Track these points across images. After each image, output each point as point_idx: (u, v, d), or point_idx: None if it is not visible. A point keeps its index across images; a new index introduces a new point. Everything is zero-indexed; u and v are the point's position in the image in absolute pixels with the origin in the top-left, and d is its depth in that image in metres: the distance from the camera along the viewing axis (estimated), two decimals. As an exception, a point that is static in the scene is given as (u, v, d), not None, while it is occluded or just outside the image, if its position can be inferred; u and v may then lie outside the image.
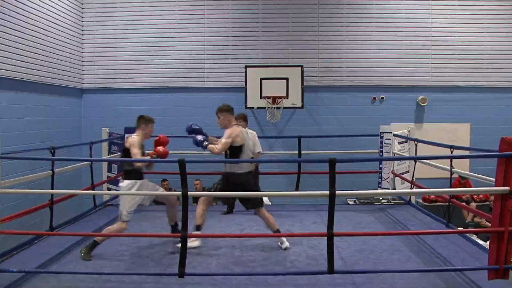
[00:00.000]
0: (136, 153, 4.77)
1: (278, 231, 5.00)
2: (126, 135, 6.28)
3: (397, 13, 10.11)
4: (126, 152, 4.86)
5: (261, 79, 9.65)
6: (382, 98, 10.17)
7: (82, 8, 10.09)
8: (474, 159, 9.28)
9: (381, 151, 7.63)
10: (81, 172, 8.63)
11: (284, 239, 5.06)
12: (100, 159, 7.63)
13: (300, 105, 9.75)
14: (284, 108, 9.67)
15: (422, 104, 10.08)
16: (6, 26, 7.34)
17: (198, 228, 4.95)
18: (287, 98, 9.63)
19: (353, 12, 10.13)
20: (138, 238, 5.31)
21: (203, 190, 9.14)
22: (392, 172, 7.52)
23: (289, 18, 10.14)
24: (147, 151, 5.06)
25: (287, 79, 9.66)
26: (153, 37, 10.11)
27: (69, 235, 5.44)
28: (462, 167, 7.72)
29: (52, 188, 5.49)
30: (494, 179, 3.85)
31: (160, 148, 4.94)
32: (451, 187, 6.36)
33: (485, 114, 10.09)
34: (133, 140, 4.85)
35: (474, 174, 5.65)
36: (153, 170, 8.41)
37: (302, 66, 9.81)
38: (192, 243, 4.80)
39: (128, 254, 4.88)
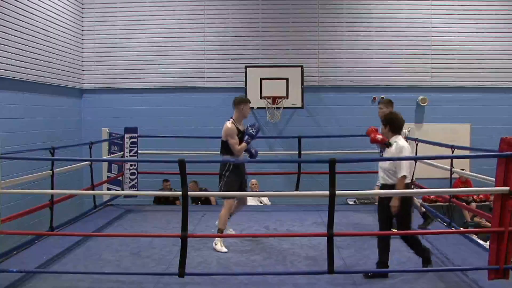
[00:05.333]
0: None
1: (220, 230, 4.96)
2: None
3: (397, 13, 10.10)
4: None
5: (261, 79, 9.65)
6: (382, 98, 10.14)
7: (82, 8, 10.08)
8: (474, 159, 9.27)
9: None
10: (81, 172, 8.63)
11: (219, 242, 5.01)
12: (100, 159, 7.62)
13: (300, 105, 9.75)
14: (284, 108, 9.67)
15: (422, 104, 10.07)
16: (6, 26, 7.34)
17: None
18: (287, 98, 9.63)
19: (353, 12, 10.12)
20: (138, 238, 5.31)
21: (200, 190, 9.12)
22: (392, 172, 7.50)
23: (289, 18, 10.13)
24: None
25: (287, 79, 9.65)
26: (153, 37, 10.10)
27: (69, 235, 5.44)
28: (462, 167, 7.72)
29: (52, 188, 5.48)
30: (494, 179, 3.85)
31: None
32: (451, 187, 6.35)
33: (485, 114, 10.07)
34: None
35: (474, 174, 5.64)
36: (153, 170, 8.53)
37: (302, 66, 9.81)
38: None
39: (128, 254, 4.88)
